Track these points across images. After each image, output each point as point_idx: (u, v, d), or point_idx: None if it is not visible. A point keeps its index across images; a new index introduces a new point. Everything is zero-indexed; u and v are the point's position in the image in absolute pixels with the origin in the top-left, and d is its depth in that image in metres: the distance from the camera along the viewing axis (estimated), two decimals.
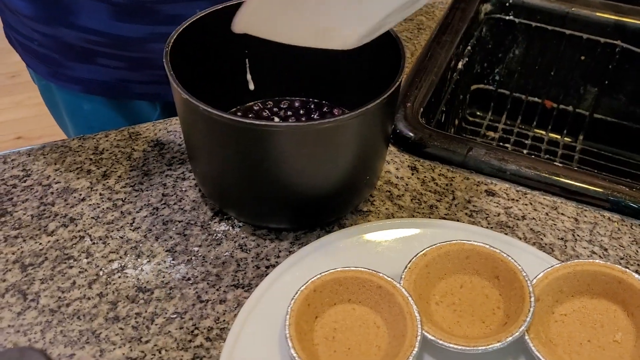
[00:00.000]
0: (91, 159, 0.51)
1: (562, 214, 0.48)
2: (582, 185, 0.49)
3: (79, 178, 0.49)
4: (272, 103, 0.51)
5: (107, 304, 0.41)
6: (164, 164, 0.50)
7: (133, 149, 0.52)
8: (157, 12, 0.53)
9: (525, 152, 0.73)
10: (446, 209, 0.48)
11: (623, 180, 0.49)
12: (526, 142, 0.74)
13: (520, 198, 0.49)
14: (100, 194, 0.48)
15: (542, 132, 0.75)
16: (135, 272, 0.42)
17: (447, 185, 0.50)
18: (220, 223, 0.46)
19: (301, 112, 0.51)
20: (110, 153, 0.51)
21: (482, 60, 0.73)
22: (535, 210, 0.48)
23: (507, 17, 0.71)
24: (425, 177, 0.50)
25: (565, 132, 0.75)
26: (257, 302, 0.39)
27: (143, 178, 0.49)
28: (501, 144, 0.74)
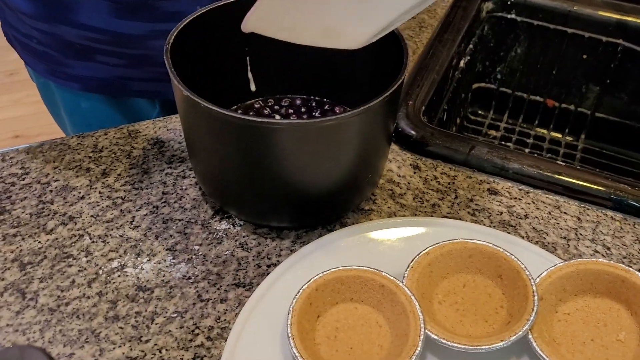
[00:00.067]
0: (90, 157, 0.50)
1: (564, 212, 0.48)
2: (584, 184, 0.49)
3: (78, 176, 0.49)
4: (273, 101, 0.51)
5: (106, 303, 0.40)
6: (164, 162, 0.50)
7: (133, 147, 0.51)
8: (157, 9, 0.53)
9: (527, 151, 0.72)
10: (448, 207, 0.47)
11: (625, 179, 0.49)
12: (528, 141, 0.74)
13: (522, 197, 0.49)
14: (100, 192, 0.47)
15: (544, 131, 0.75)
16: (135, 271, 0.42)
17: (449, 183, 0.50)
18: (221, 222, 0.45)
19: (302, 110, 0.50)
20: (110, 151, 0.51)
21: (483, 59, 0.73)
22: (537, 209, 0.48)
23: (509, 16, 0.70)
24: (427, 175, 0.50)
25: (567, 131, 0.74)
26: (258, 301, 0.39)
27: (143, 176, 0.49)
28: (503, 143, 0.74)
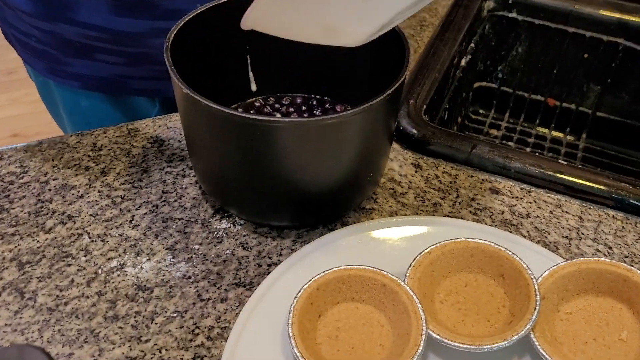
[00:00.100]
0: (89, 156, 0.50)
1: (566, 212, 0.48)
2: (586, 183, 0.49)
3: (77, 175, 0.48)
4: (273, 99, 0.51)
5: (106, 303, 0.40)
6: (163, 161, 0.50)
7: (132, 146, 0.51)
8: (157, 7, 0.53)
9: (528, 151, 0.72)
10: (450, 206, 0.47)
11: (627, 178, 0.49)
12: (529, 141, 0.74)
13: (524, 196, 0.49)
14: (99, 191, 0.47)
15: (545, 130, 0.75)
16: (134, 271, 0.42)
17: (451, 182, 0.49)
18: (221, 221, 0.45)
19: (303, 109, 0.50)
20: (109, 149, 0.51)
21: (485, 58, 0.72)
22: (539, 208, 0.48)
23: (510, 15, 0.70)
24: (428, 174, 0.50)
25: (568, 130, 0.74)
26: (259, 301, 0.39)
27: (142, 175, 0.49)
28: (504, 142, 0.74)
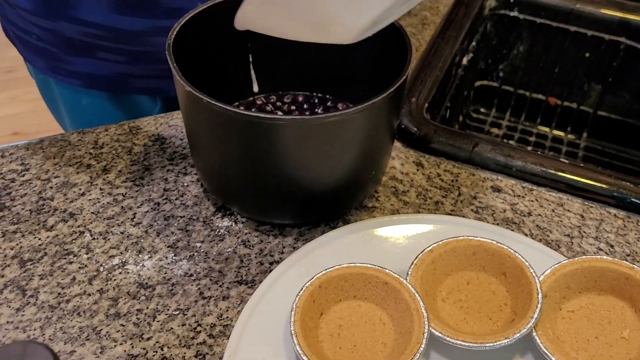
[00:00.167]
0: (91, 153, 0.50)
1: (568, 210, 0.48)
2: (588, 181, 0.49)
3: (78, 172, 0.48)
4: (275, 97, 0.51)
5: (107, 300, 0.40)
6: (165, 159, 0.50)
7: (134, 144, 0.51)
8: (158, 5, 0.53)
9: (529, 149, 0.72)
10: (452, 205, 0.47)
11: (628, 177, 0.49)
12: (530, 139, 0.74)
13: (526, 194, 0.49)
14: (101, 189, 0.47)
15: (546, 129, 0.75)
16: (136, 268, 0.42)
17: (452, 181, 0.49)
18: (222, 219, 0.45)
19: (305, 107, 0.50)
20: (111, 147, 0.51)
21: (486, 57, 0.72)
22: (541, 206, 0.48)
23: (511, 14, 0.70)
24: (430, 173, 0.50)
25: (569, 129, 0.74)
26: (261, 299, 0.39)
27: (144, 173, 0.49)
28: (505, 141, 0.74)
